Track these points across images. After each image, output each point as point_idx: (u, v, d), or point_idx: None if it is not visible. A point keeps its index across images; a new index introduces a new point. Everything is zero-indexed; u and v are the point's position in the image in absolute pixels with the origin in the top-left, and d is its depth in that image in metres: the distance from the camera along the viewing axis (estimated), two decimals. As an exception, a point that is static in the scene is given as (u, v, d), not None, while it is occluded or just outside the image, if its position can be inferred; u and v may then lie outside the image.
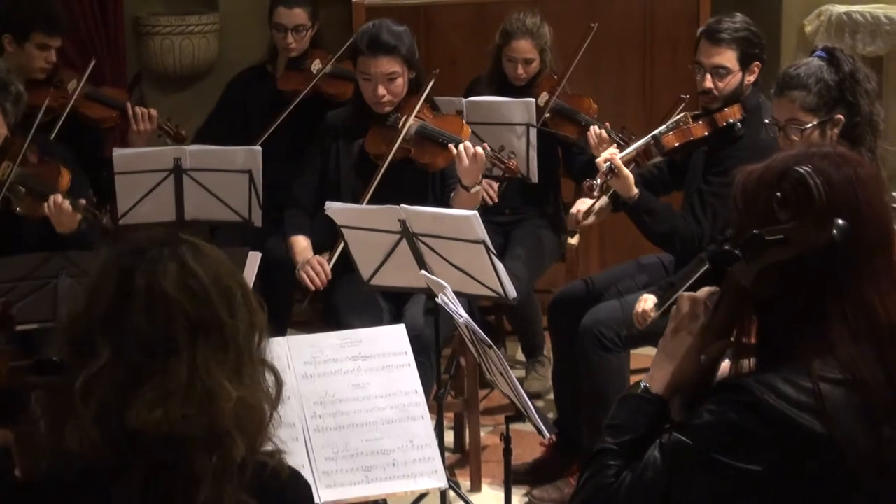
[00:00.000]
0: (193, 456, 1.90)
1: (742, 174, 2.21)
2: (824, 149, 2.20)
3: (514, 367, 5.82)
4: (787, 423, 2.03)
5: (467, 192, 4.68)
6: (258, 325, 2.04)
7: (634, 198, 4.55)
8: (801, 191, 2.10)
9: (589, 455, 2.24)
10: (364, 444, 3.30)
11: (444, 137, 4.78)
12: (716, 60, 4.58)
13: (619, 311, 4.55)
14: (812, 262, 2.10)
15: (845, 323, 2.08)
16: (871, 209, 2.12)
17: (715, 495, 2.07)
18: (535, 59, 5.57)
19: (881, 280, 2.12)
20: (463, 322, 3.61)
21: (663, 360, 2.27)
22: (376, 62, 4.78)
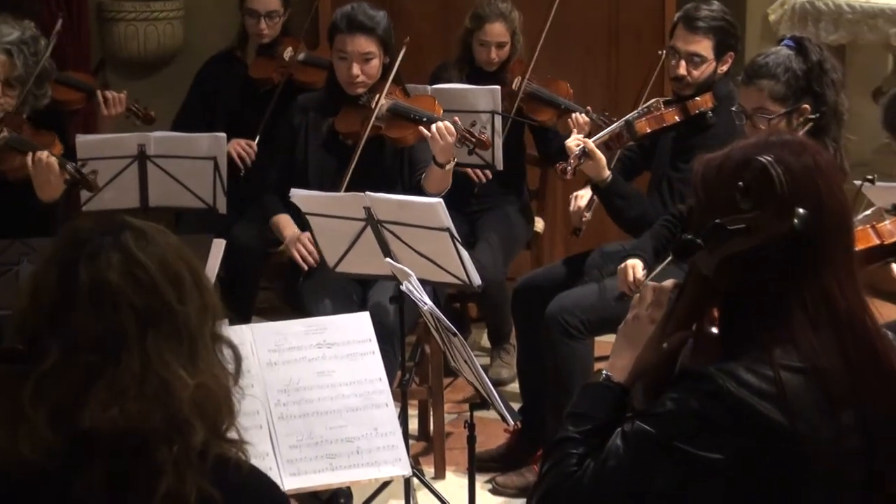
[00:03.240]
0: (152, 448, 1.87)
1: (700, 163, 2.22)
2: (784, 137, 2.21)
3: (480, 355, 5.83)
4: (749, 411, 2.04)
5: (441, 170, 4.68)
6: (211, 305, 1.98)
7: (607, 181, 4.56)
8: (763, 180, 2.11)
9: (551, 443, 2.24)
10: (328, 431, 3.29)
11: (416, 114, 4.80)
12: (692, 48, 4.60)
13: (584, 298, 4.56)
14: (773, 251, 2.10)
15: (805, 311, 2.09)
16: (830, 197, 2.13)
17: (677, 483, 2.08)
18: (508, 42, 5.58)
19: (840, 268, 2.13)
20: (427, 309, 3.62)
21: (624, 349, 2.29)
22: (353, 40, 4.80)
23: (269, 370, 3.31)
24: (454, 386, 5.28)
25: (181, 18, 6.82)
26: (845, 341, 2.10)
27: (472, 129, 4.75)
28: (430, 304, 3.61)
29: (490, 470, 4.75)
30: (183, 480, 1.87)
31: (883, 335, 2.17)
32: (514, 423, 3.92)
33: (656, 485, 2.09)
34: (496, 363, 5.68)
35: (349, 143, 4.87)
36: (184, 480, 1.87)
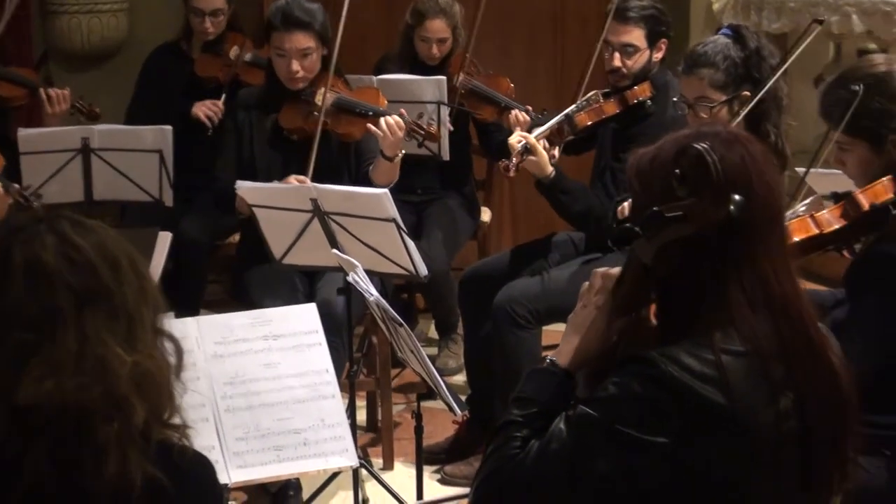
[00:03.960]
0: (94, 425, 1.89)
1: (634, 156, 2.25)
2: (715, 128, 2.24)
3: (427, 346, 5.85)
4: (691, 394, 2.06)
5: (389, 163, 4.69)
6: (150, 293, 2.00)
7: (550, 177, 4.57)
8: (700, 167, 2.13)
9: (495, 427, 2.26)
10: (275, 423, 3.29)
11: (361, 108, 4.79)
12: (624, 39, 4.63)
13: (531, 288, 4.57)
14: (710, 237, 2.13)
15: (743, 294, 2.12)
16: (763, 185, 2.16)
17: (619, 467, 2.10)
18: (449, 37, 5.58)
19: (774, 253, 2.16)
20: (374, 300, 3.62)
21: (571, 335, 2.31)
22: (290, 37, 4.77)
23: (214, 363, 3.31)
24: (402, 377, 5.28)
25: (125, 11, 6.78)
26: (780, 325, 2.13)
27: (419, 120, 4.74)
28: (377, 295, 3.62)
29: (439, 460, 4.77)
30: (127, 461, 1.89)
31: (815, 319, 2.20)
32: (461, 414, 3.93)
33: (598, 468, 2.11)
34: (444, 353, 5.69)
35: (294, 138, 4.86)
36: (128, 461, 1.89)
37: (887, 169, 3.17)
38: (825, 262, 4.21)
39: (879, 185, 3.15)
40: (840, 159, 3.29)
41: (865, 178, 3.21)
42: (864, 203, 3.15)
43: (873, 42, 6.19)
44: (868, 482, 3.06)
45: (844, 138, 3.25)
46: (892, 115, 3.16)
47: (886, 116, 3.16)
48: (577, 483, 2.13)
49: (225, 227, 5.39)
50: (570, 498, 2.16)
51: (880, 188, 3.15)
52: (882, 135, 3.17)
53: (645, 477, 2.11)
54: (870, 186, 3.17)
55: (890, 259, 3.12)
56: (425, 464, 4.52)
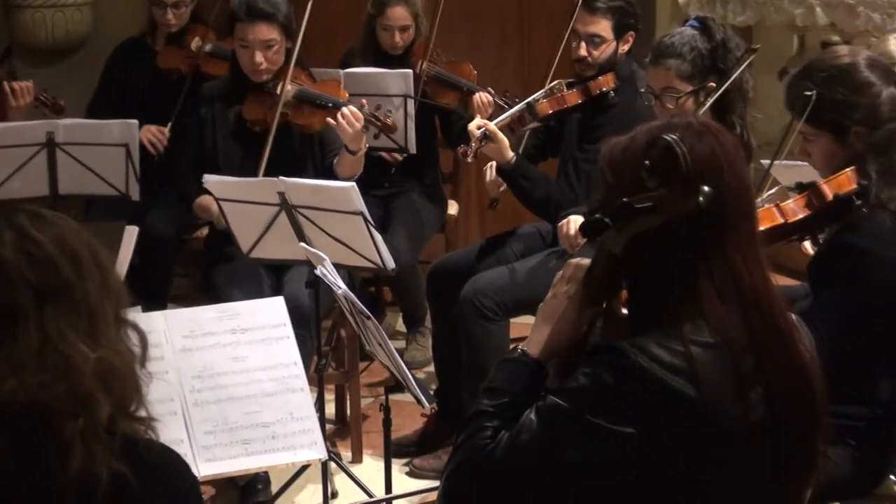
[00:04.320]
0: (58, 422, 1.87)
1: (607, 146, 2.25)
2: (686, 119, 2.24)
3: (396, 338, 5.85)
4: (660, 385, 2.07)
5: (353, 156, 4.68)
6: (113, 285, 1.97)
7: (511, 162, 4.58)
8: (669, 158, 2.14)
9: (466, 417, 2.26)
10: (243, 417, 3.29)
11: (322, 100, 4.80)
12: (591, 29, 4.64)
13: (498, 280, 4.58)
14: (680, 228, 2.13)
15: (713, 286, 2.13)
16: (733, 176, 2.16)
17: (589, 457, 2.10)
18: (411, 25, 5.58)
19: (745, 243, 2.17)
20: (342, 293, 3.62)
21: (542, 324, 2.31)
22: (254, 29, 4.77)
23: (183, 356, 3.30)
24: (371, 370, 5.29)
25: (89, 5, 6.75)
26: (750, 317, 2.13)
27: (377, 112, 4.74)
28: (345, 288, 3.62)
29: (408, 453, 4.77)
30: (93, 457, 1.87)
31: (786, 311, 2.21)
32: (429, 406, 3.94)
33: (568, 459, 2.11)
34: (412, 346, 5.70)
35: (257, 129, 4.86)
36: (93, 457, 1.87)
37: (851, 160, 3.19)
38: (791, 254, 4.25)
39: (843, 176, 3.17)
40: (805, 150, 3.31)
41: (830, 168, 3.23)
42: (827, 193, 3.17)
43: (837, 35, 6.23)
44: (833, 472, 3.08)
45: (809, 129, 3.27)
46: (855, 107, 3.17)
47: (849, 108, 3.18)
48: (546, 473, 2.13)
49: (192, 221, 5.37)
50: (540, 488, 2.16)
51: (844, 179, 3.17)
52: (845, 126, 3.19)
53: (614, 467, 2.11)
54: (834, 177, 3.19)
55: (852, 249, 3.14)
56: (394, 457, 4.52)
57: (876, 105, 3.16)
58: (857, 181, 3.16)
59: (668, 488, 2.12)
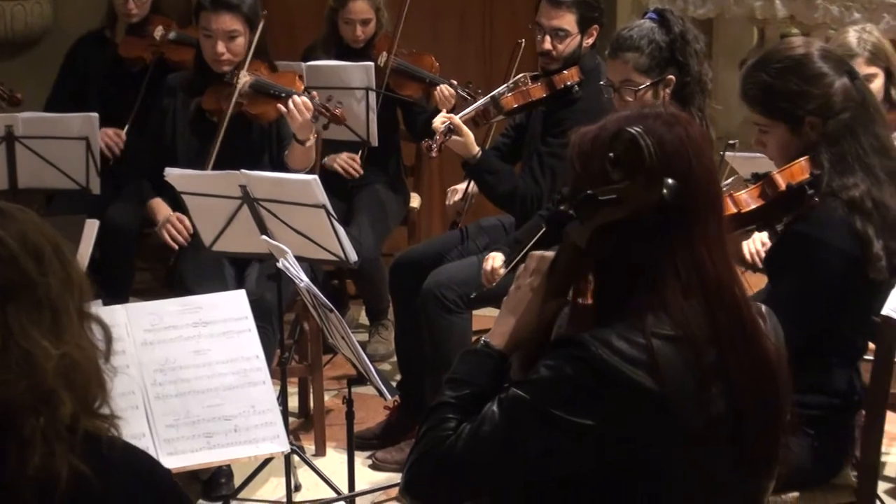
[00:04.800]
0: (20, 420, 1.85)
1: (577, 135, 2.24)
2: (656, 109, 2.24)
3: (359, 331, 5.85)
4: (620, 377, 2.07)
5: (302, 147, 4.68)
6: (76, 279, 1.95)
7: (476, 157, 4.59)
8: (633, 151, 2.14)
9: (429, 408, 2.26)
10: (205, 410, 3.28)
11: (275, 90, 4.79)
12: (555, 23, 4.65)
13: (460, 272, 4.59)
14: (644, 220, 2.13)
15: (677, 279, 2.13)
16: (701, 167, 2.17)
17: (549, 448, 2.11)
18: (372, 19, 5.58)
19: (710, 237, 2.17)
20: (304, 286, 3.62)
21: (505, 317, 2.31)
22: (218, 18, 4.78)
23: (144, 350, 3.29)
24: (334, 363, 5.27)
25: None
26: (714, 309, 2.14)
27: (328, 103, 4.74)
28: (307, 281, 3.61)
29: (371, 446, 4.77)
30: (53, 455, 1.84)
31: (750, 304, 2.22)
32: (391, 399, 3.94)
33: (529, 450, 2.12)
34: (374, 339, 5.70)
35: (215, 120, 4.85)
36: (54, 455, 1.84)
37: (805, 150, 3.21)
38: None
39: (797, 166, 3.19)
40: (760, 140, 3.32)
41: (784, 158, 3.25)
42: (781, 183, 3.19)
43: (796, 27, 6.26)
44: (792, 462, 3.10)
45: (763, 120, 3.28)
46: (809, 97, 3.19)
47: (803, 98, 3.19)
48: (507, 464, 2.14)
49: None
50: (501, 479, 2.17)
51: (797, 168, 3.19)
52: (799, 116, 3.20)
53: (574, 458, 2.12)
54: (787, 167, 3.21)
55: (805, 239, 3.15)
56: (357, 449, 4.53)
57: (829, 96, 3.18)
58: (810, 171, 3.18)
59: (628, 480, 2.13)
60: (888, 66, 4.35)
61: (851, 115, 3.20)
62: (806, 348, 3.14)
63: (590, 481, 2.15)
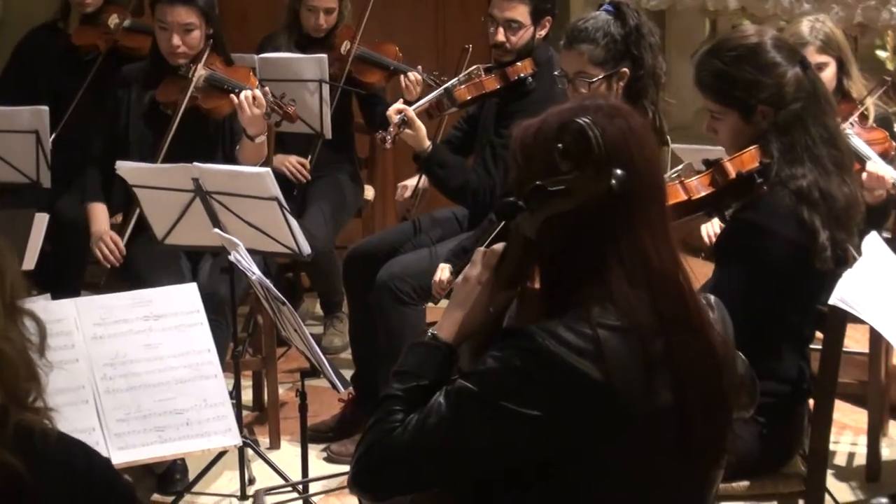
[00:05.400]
0: None
1: (519, 129, 2.25)
2: (597, 101, 2.25)
3: (314, 324, 5.84)
4: (567, 368, 2.08)
5: (252, 142, 4.67)
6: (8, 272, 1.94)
7: (427, 150, 4.58)
8: (581, 142, 2.14)
9: (377, 401, 2.26)
10: (156, 404, 3.28)
11: (229, 85, 4.78)
12: (508, 14, 4.65)
13: (414, 264, 4.59)
14: (593, 211, 2.14)
15: (622, 269, 2.14)
16: (643, 158, 2.18)
17: (496, 439, 2.12)
18: (336, 8, 5.57)
19: (655, 227, 2.18)
20: (256, 279, 3.61)
21: (453, 309, 2.32)
22: (173, 11, 4.77)
23: (94, 344, 3.28)
24: (288, 356, 5.27)
25: (0, -11, 6.66)
26: (659, 298, 2.15)
27: (281, 100, 4.73)
28: (259, 274, 3.61)
29: (325, 439, 4.76)
30: None
31: (696, 293, 2.23)
32: (345, 391, 3.94)
33: (475, 441, 2.13)
34: (329, 332, 5.69)
35: (169, 112, 4.84)
36: None
37: (755, 138, 3.23)
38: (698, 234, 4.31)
39: (747, 154, 3.22)
40: (712, 127, 3.34)
41: (735, 146, 3.27)
42: (731, 171, 3.21)
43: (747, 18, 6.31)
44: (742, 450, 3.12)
45: (716, 107, 3.30)
46: (762, 86, 3.21)
47: (756, 87, 3.22)
48: (454, 456, 2.15)
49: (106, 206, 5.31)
50: (448, 471, 2.18)
51: (747, 157, 3.21)
52: (752, 104, 3.22)
53: (521, 449, 2.13)
54: (737, 155, 3.23)
55: (752, 226, 3.18)
56: (312, 442, 4.54)
57: (781, 85, 3.21)
58: (760, 160, 3.20)
59: (576, 470, 2.14)
60: (840, 55, 4.39)
61: (802, 105, 3.22)
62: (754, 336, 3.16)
63: (537, 471, 2.15)
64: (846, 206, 3.20)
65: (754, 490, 3.29)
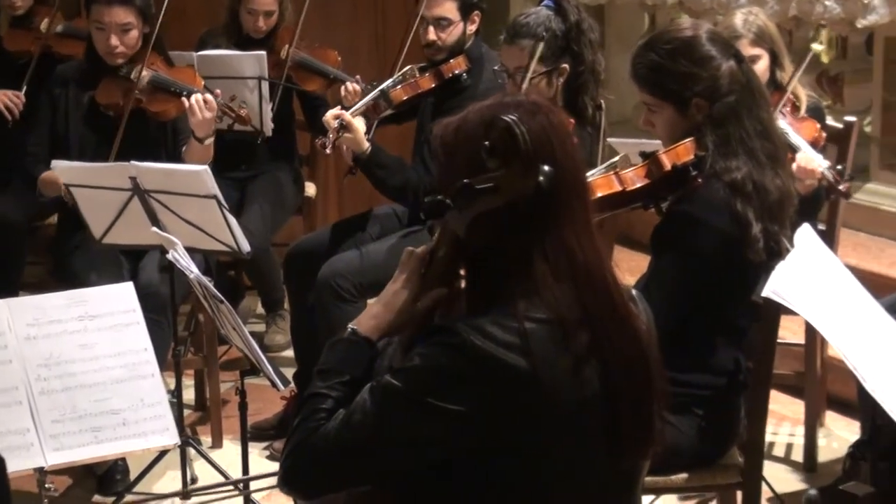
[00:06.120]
0: None
1: (439, 127, 2.26)
2: (518, 98, 2.27)
3: (256, 322, 5.83)
4: (494, 362, 2.10)
5: (200, 145, 4.65)
6: None
7: (366, 153, 4.58)
8: (508, 139, 2.15)
9: (301, 400, 2.27)
10: (92, 404, 3.27)
11: (176, 87, 4.75)
12: (437, 12, 4.67)
13: (354, 261, 4.58)
14: (520, 207, 2.15)
15: (547, 264, 2.15)
16: (565, 154, 2.19)
17: (424, 436, 2.13)
18: (276, 10, 5.55)
19: (578, 222, 2.20)
20: (194, 278, 3.60)
21: (376, 306, 2.35)
22: (110, 11, 4.73)
23: (27, 345, 3.26)
24: (231, 354, 5.25)
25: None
26: (584, 291, 2.17)
27: (231, 103, 4.71)
28: (196, 272, 3.60)
29: (268, 437, 4.76)
30: None
31: (620, 286, 2.25)
32: (287, 389, 3.93)
33: (402, 438, 2.14)
34: (271, 329, 5.69)
35: (110, 114, 4.80)
36: None
37: (691, 131, 3.26)
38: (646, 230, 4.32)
39: (682, 146, 3.24)
40: (648, 120, 3.36)
41: (672, 139, 3.29)
42: (666, 163, 3.23)
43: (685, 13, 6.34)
44: (678, 440, 3.15)
45: (652, 100, 3.32)
46: (697, 79, 3.23)
47: (691, 79, 3.24)
48: (381, 453, 2.15)
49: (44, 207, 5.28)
50: (376, 467, 2.18)
51: (683, 149, 3.24)
52: (687, 97, 3.24)
53: (447, 444, 2.14)
54: (673, 147, 3.25)
55: (686, 218, 3.20)
56: (254, 440, 4.54)
57: (716, 78, 3.23)
58: (695, 152, 3.23)
59: (505, 463, 2.15)
60: (773, 47, 4.42)
61: (737, 98, 3.25)
62: (690, 328, 3.19)
63: (467, 465, 2.16)
64: (779, 199, 3.23)
65: (693, 482, 3.31)
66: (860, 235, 5.51)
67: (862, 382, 2.96)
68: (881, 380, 3.00)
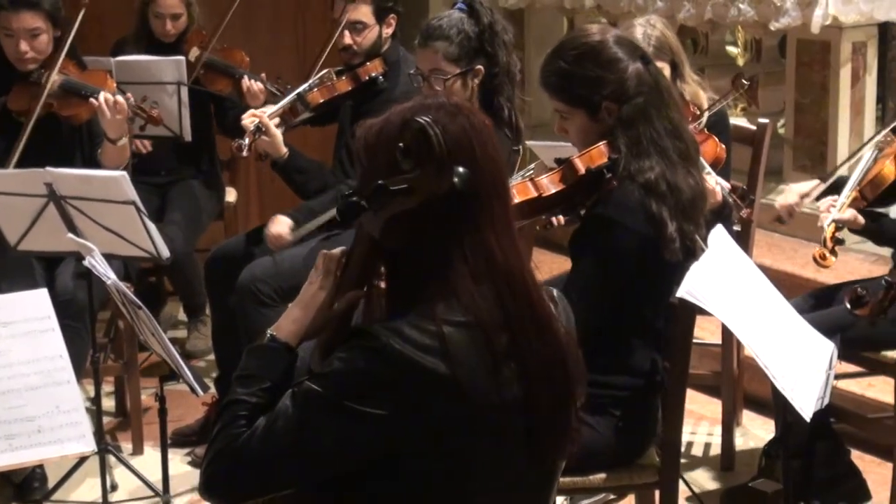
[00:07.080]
0: None
1: (362, 129, 2.26)
2: (439, 100, 2.26)
3: (178, 328, 5.80)
4: (412, 365, 2.10)
5: (114, 146, 4.62)
6: None
7: (284, 157, 4.57)
8: (422, 140, 2.16)
9: (220, 407, 2.26)
10: (7, 411, 3.23)
11: (86, 90, 4.71)
12: (352, 16, 4.69)
13: (274, 266, 4.57)
14: (436, 209, 2.16)
15: (466, 266, 2.15)
16: (485, 156, 2.20)
17: (344, 440, 2.12)
18: (183, 13, 5.53)
19: (498, 223, 2.19)
20: (111, 284, 3.58)
21: (294, 310, 2.33)
22: (18, 17, 4.68)
23: (-62, 353, 3.22)
24: (151, 360, 5.21)
25: None
26: (503, 293, 2.17)
27: (142, 104, 4.69)
28: (114, 279, 3.57)
29: (189, 443, 4.74)
30: None
31: (540, 288, 2.26)
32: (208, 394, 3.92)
33: (324, 444, 2.13)
34: (193, 335, 5.66)
35: (22, 120, 4.75)
36: None
37: (603, 134, 3.28)
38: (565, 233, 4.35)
39: (595, 150, 3.26)
40: (562, 127, 3.38)
41: (585, 144, 3.31)
42: (580, 167, 3.26)
43: (603, 16, 6.40)
44: (596, 441, 3.18)
45: (563, 107, 3.34)
46: (604, 82, 3.26)
47: (598, 83, 3.26)
48: (303, 458, 2.15)
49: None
50: (298, 473, 2.17)
51: (596, 153, 3.26)
52: (596, 102, 3.27)
53: (370, 448, 2.14)
54: (586, 151, 3.27)
55: (603, 221, 3.23)
56: (176, 446, 4.52)
57: (623, 80, 3.25)
58: (609, 155, 3.25)
59: (427, 465, 2.15)
60: (673, 58, 4.41)
61: (645, 99, 3.27)
62: (607, 329, 3.22)
63: (389, 469, 2.16)
64: (692, 197, 3.26)
65: (611, 482, 3.34)
66: (774, 236, 5.58)
67: (773, 381, 3.00)
68: (791, 378, 3.05)
